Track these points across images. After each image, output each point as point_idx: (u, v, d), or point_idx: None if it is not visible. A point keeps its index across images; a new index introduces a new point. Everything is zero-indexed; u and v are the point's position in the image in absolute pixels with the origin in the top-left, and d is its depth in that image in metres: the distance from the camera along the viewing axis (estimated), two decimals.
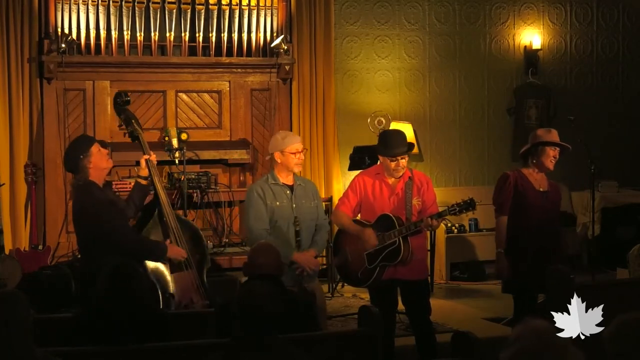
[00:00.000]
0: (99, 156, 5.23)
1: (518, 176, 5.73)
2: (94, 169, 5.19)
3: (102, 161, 5.25)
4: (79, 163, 5.17)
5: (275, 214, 5.46)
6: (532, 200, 5.65)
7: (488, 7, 9.34)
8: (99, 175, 5.24)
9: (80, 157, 5.17)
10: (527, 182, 5.70)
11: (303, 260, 5.38)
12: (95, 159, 5.20)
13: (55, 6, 7.60)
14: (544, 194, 5.70)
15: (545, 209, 5.67)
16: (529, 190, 5.67)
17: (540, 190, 5.70)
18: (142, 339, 3.81)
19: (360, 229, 5.44)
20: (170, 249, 5.42)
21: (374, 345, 4.08)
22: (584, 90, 9.70)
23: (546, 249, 5.61)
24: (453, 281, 8.56)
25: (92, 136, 5.62)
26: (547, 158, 5.69)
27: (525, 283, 5.61)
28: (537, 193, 5.68)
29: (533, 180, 5.71)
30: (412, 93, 9.11)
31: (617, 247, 8.28)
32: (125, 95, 5.88)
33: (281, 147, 5.50)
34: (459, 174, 9.29)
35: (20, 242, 7.46)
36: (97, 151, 5.23)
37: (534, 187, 5.69)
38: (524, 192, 5.67)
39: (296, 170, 5.55)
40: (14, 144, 7.52)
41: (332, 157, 8.42)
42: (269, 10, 8.17)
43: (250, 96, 8.25)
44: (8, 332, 3.16)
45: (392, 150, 5.39)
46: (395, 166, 5.40)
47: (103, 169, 5.29)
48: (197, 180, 7.73)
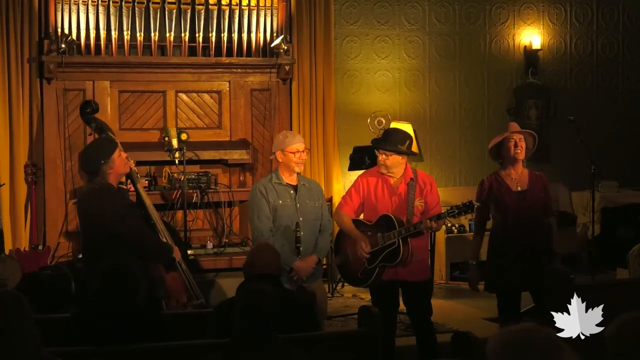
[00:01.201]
0: (120, 161, 5.16)
1: (494, 179, 5.72)
2: (113, 174, 5.13)
3: (121, 166, 5.18)
4: (100, 167, 5.08)
5: (278, 212, 5.47)
6: (507, 202, 5.63)
7: (488, 7, 9.34)
8: (116, 180, 5.21)
9: (102, 162, 5.08)
10: (502, 184, 5.67)
11: (303, 268, 5.39)
12: (116, 165, 5.13)
13: (55, 6, 7.60)
14: (521, 194, 5.62)
15: (523, 208, 5.60)
16: (503, 193, 5.64)
17: (518, 190, 5.63)
18: (137, 339, 3.81)
19: (357, 235, 5.44)
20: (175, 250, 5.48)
21: (374, 345, 4.07)
22: (584, 90, 9.70)
23: (529, 247, 5.56)
24: (453, 281, 8.57)
25: (114, 139, 5.52)
26: (507, 151, 5.65)
27: (506, 283, 5.60)
28: (513, 194, 5.62)
29: (509, 181, 5.66)
30: (412, 93, 9.11)
31: (617, 247, 8.28)
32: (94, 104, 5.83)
33: (282, 146, 5.52)
34: (459, 174, 9.29)
35: (20, 242, 7.46)
36: (118, 156, 5.15)
37: (510, 189, 5.64)
38: (499, 195, 5.66)
39: (297, 169, 5.54)
40: (14, 144, 7.52)
41: (332, 157, 8.42)
42: (269, 10, 8.17)
43: (250, 96, 8.24)
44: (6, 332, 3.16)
45: (378, 143, 5.51)
46: (380, 160, 5.44)
47: (121, 174, 5.28)
48: (197, 180, 7.73)
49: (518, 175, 5.69)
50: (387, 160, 5.42)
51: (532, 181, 5.71)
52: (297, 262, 5.35)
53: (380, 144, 5.48)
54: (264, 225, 5.44)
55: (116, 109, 7.87)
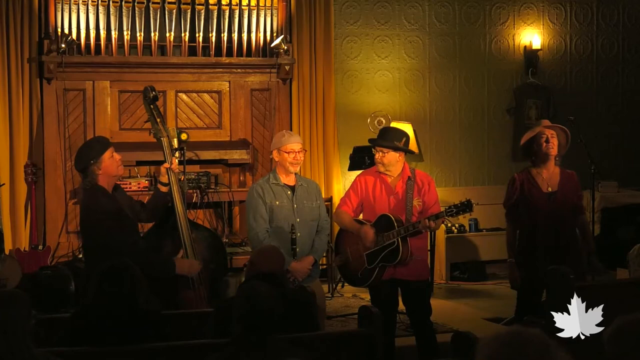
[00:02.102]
0: (110, 162, 5.06)
1: (525, 178, 5.68)
2: (102, 175, 5.02)
3: (112, 168, 5.07)
4: (88, 167, 5.02)
5: (275, 212, 5.47)
6: (537, 203, 5.61)
7: (488, 7, 9.34)
8: (107, 182, 5.10)
9: (90, 162, 5.02)
10: (533, 184, 5.63)
11: (299, 269, 5.39)
12: (105, 166, 5.03)
13: (55, 6, 7.60)
14: (551, 196, 5.60)
15: (552, 210, 5.58)
16: (534, 193, 5.62)
17: (549, 191, 5.60)
18: (136, 339, 3.80)
19: (358, 227, 5.45)
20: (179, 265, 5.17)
21: (374, 345, 4.07)
22: (584, 90, 9.70)
23: (557, 249, 5.54)
24: (453, 281, 8.57)
25: (108, 140, 5.39)
26: (539, 147, 5.59)
27: (530, 283, 5.60)
28: (543, 195, 5.60)
29: (540, 181, 5.63)
30: (412, 93, 9.11)
31: (617, 247, 8.27)
32: (152, 90, 5.49)
33: (278, 145, 5.53)
34: (459, 174, 9.29)
35: (20, 242, 7.46)
36: (109, 157, 5.06)
37: (540, 189, 5.61)
38: (529, 195, 5.63)
39: (292, 169, 5.53)
40: (14, 144, 7.52)
41: (332, 157, 8.42)
42: (269, 10, 8.17)
43: (250, 96, 8.24)
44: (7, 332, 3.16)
45: (375, 141, 5.52)
46: (378, 158, 5.45)
47: (112, 177, 5.13)
48: (197, 180, 7.73)
49: (549, 174, 5.64)
50: (384, 158, 5.43)
51: (563, 181, 5.64)
52: (293, 263, 5.35)
53: (377, 141, 5.50)
54: (259, 226, 5.45)
55: (116, 109, 7.87)
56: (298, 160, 5.53)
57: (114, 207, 5.06)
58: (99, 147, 5.12)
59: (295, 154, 5.50)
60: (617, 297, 4.35)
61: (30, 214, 7.52)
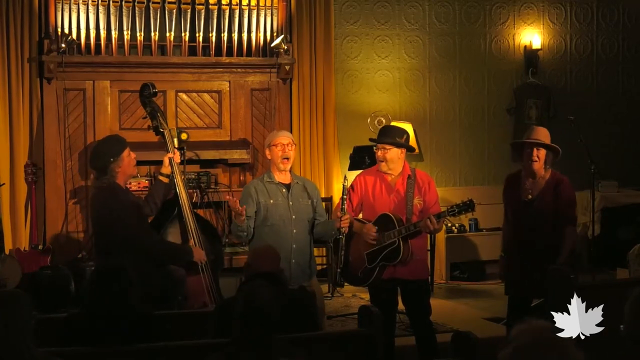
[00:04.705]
0: (128, 161, 5.16)
1: (513, 181, 5.68)
2: (121, 174, 5.12)
3: (130, 167, 5.19)
4: (108, 165, 5.08)
5: (270, 211, 5.44)
6: (515, 208, 5.63)
7: (488, 7, 9.34)
8: (124, 180, 5.18)
9: (110, 160, 5.08)
10: (515, 189, 5.62)
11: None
12: (124, 164, 5.12)
13: (55, 6, 7.60)
14: (530, 203, 5.52)
15: (531, 217, 5.51)
16: (514, 198, 5.62)
17: (528, 198, 5.53)
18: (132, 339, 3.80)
19: (360, 225, 5.45)
20: (195, 252, 5.37)
21: (373, 345, 4.07)
22: (584, 90, 9.70)
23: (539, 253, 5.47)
24: (453, 281, 8.57)
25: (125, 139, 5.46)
26: (526, 158, 5.52)
27: (516, 287, 5.62)
28: (520, 202, 5.56)
29: (524, 186, 5.57)
30: (412, 93, 9.11)
31: (617, 247, 8.28)
32: (152, 87, 5.74)
33: (268, 142, 5.54)
34: (459, 174, 9.29)
35: (20, 242, 7.46)
36: (127, 155, 5.15)
37: (520, 196, 5.57)
38: (510, 200, 5.67)
39: (282, 167, 5.46)
40: (14, 144, 7.52)
41: (332, 157, 8.42)
42: (269, 10, 8.17)
43: (250, 96, 8.24)
44: (7, 332, 3.16)
45: (377, 138, 5.52)
46: (380, 156, 5.45)
47: (129, 175, 5.26)
48: (197, 180, 7.73)
49: (534, 181, 5.56)
50: (386, 154, 5.42)
51: (546, 189, 5.53)
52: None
53: (379, 138, 5.50)
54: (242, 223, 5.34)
55: (116, 109, 7.87)
56: (287, 153, 5.45)
57: (134, 204, 5.22)
58: (118, 146, 5.21)
59: (284, 147, 5.45)
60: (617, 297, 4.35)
61: (30, 214, 7.52)
